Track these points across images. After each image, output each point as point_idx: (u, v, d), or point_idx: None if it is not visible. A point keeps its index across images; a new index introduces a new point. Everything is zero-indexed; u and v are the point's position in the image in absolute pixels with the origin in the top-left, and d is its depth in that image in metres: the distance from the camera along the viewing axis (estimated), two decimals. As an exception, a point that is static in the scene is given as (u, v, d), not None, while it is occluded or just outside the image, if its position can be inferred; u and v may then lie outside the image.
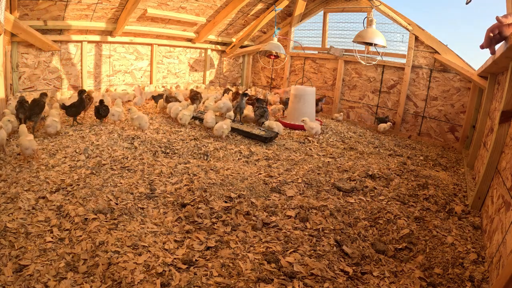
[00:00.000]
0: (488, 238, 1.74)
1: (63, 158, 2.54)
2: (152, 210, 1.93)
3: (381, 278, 1.49)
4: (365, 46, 4.86)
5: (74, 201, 1.92)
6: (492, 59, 2.28)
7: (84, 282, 1.30)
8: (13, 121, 2.93)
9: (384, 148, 3.80)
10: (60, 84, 4.52)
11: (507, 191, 1.67)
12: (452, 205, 2.22)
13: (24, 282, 1.27)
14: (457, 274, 1.51)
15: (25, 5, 3.60)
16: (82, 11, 4.10)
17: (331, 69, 5.48)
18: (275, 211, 2.01)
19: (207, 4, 4.91)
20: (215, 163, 2.74)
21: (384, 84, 4.87)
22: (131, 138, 3.16)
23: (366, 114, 5.14)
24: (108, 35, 4.75)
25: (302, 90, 4.42)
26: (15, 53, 3.93)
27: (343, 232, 1.83)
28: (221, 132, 3.41)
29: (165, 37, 5.46)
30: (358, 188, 2.46)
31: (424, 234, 1.84)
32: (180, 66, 5.97)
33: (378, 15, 4.50)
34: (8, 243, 1.49)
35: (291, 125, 4.35)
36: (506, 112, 2.05)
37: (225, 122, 3.45)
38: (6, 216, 1.69)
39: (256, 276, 1.40)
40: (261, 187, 2.34)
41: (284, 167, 2.84)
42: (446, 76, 4.22)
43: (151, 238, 1.64)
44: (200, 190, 2.16)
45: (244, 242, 1.67)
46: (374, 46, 4.28)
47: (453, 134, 4.24)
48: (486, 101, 3.09)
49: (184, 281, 1.34)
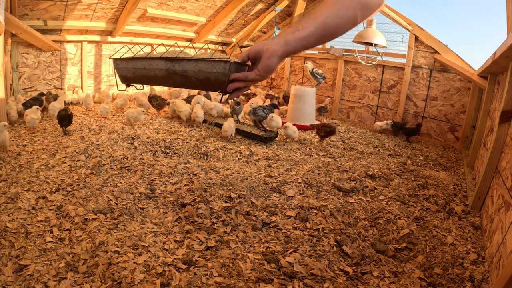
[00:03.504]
0: (488, 238, 1.74)
1: (63, 158, 2.54)
2: (152, 210, 1.93)
3: (381, 278, 1.49)
4: (365, 46, 4.86)
5: (74, 201, 1.92)
6: (492, 59, 2.28)
7: (84, 282, 1.30)
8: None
9: (384, 148, 3.80)
10: (60, 84, 4.52)
11: (507, 191, 1.67)
12: (452, 205, 2.22)
13: (24, 282, 1.27)
14: (457, 274, 1.51)
15: (25, 5, 3.60)
16: (82, 11, 4.10)
17: (331, 69, 5.48)
18: (275, 211, 2.01)
19: (207, 4, 4.91)
20: (215, 163, 2.74)
21: (384, 84, 4.87)
22: (131, 138, 3.16)
23: (366, 114, 5.14)
24: (108, 35, 4.75)
25: (302, 90, 4.42)
26: (15, 53, 3.93)
27: (343, 232, 1.83)
28: (230, 133, 3.42)
29: (165, 37, 5.46)
30: (358, 188, 2.46)
31: (424, 234, 1.84)
32: (180, 66, 5.97)
33: (378, 15, 4.51)
34: (8, 243, 1.49)
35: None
36: (506, 112, 2.05)
37: (231, 121, 3.46)
38: (6, 216, 1.69)
39: (256, 276, 1.40)
40: (261, 187, 2.34)
41: (284, 167, 2.84)
42: (446, 76, 4.22)
43: (151, 238, 1.64)
44: (200, 190, 2.16)
45: (244, 242, 1.67)
46: (374, 46, 4.28)
47: (453, 134, 4.24)
48: (486, 101, 3.09)
49: (184, 281, 1.34)
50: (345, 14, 0.78)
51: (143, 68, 1.02)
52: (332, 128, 3.49)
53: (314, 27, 0.77)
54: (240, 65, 0.89)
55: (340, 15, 0.77)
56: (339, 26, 0.79)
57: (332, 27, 0.79)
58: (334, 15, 0.77)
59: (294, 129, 3.63)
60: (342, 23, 0.79)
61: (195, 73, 0.92)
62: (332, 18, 0.77)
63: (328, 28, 0.78)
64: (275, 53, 0.78)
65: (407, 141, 4.25)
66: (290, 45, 0.78)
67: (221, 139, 3.48)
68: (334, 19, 0.78)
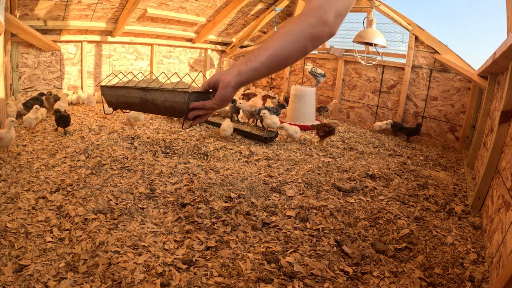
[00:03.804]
0: (488, 238, 1.74)
1: (63, 158, 2.54)
2: (152, 210, 1.93)
3: (381, 278, 1.49)
4: (365, 46, 4.86)
5: (74, 201, 1.92)
6: (492, 59, 2.28)
7: (84, 282, 1.30)
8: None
9: (384, 148, 3.80)
10: (60, 84, 4.52)
11: (507, 191, 1.67)
12: (452, 205, 2.22)
13: (24, 282, 1.27)
14: (457, 274, 1.51)
15: (25, 5, 3.59)
16: (82, 11, 4.10)
17: (331, 69, 5.48)
18: (275, 211, 2.01)
19: (207, 4, 4.91)
20: (215, 163, 2.74)
21: (384, 84, 4.87)
22: (131, 138, 3.16)
23: (366, 114, 5.14)
24: (108, 35, 4.75)
25: (302, 90, 4.42)
26: (15, 53, 3.93)
27: (343, 232, 1.83)
28: (229, 133, 3.43)
29: (165, 37, 5.46)
30: (358, 188, 2.46)
31: (424, 234, 1.84)
32: (180, 66, 5.97)
33: (378, 15, 4.50)
34: (8, 243, 1.49)
35: (292, 124, 4.34)
36: (506, 112, 2.05)
37: (229, 121, 3.48)
38: (6, 216, 1.69)
39: (256, 276, 1.40)
40: (261, 187, 2.34)
41: (284, 167, 2.84)
42: (446, 76, 4.22)
43: (151, 238, 1.64)
44: (200, 190, 2.16)
45: (244, 242, 1.67)
46: (374, 46, 4.28)
47: (453, 134, 4.24)
48: (486, 101, 3.09)
49: (184, 281, 1.34)
50: (292, 46, 0.81)
51: (123, 95, 1.14)
52: (331, 128, 3.49)
53: (265, 58, 0.82)
54: (201, 93, 0.96)
55: (288, 47, 0.81)
56: (288, 57, 0.83)
57: (281, 59, 0.83)
58: (282, 48, 0.81)
59: (296, 130, 3.62)
60: (290, 55, 0.83)
61: (162, 102, 1.02)
62: (280, 50, 0.81)
63: (277, 59, 0.83)
64: (229, 83, 0.83)
65: (407, 141, 4.25)
66: (243, 75, 0.83)
67: (221, 139, 3.48)
68: (282, 51, 0.82)
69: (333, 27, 0.82)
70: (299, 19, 0.82)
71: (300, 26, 0.81)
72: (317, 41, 0.83)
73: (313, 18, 0.81)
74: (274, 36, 0.83)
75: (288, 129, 3.59)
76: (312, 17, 0.81)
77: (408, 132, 4.23)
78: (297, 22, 0.82)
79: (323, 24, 0.81)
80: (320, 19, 0.80)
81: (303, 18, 0.81)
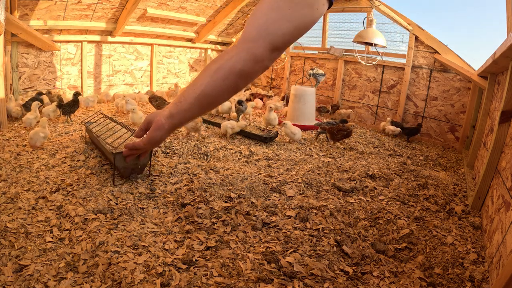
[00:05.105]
0: (488, 238, 1.74)
1: (63, 158, 2.54)
2: (152, 210, 1.93)
3: (381, 278, 1.49)
4: (365, 46, 4.86)
5: (74, 201, 1.92)
6: (492, 59, 2.28)
7: (84, 282, 1.30)
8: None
9: (384, 148, 3.80)
10: (60, 84, 4.52)
11: (507, 191, 1.67)
12: (452, 205, 2.22)
13: (24, 282, 1.27)
14: (457, 274, 1.51)
15: (25, 5, 3.59)
16: (82, 11, 4.10)
17: (331, 69, 5.48)
18: (275, 211, 2.01)
19: (207, 4, 4.91)
20: (215, 163, 2.74)
21: (384, 84, 4.87)
22: (131, 138, 3.16)
23: (366, 114, 5.14)
24: (108, 35, 4.75)
25: (302, 90, 4.42)
26: (15, 53, 3.93)
27: (343, 232, 1.83)
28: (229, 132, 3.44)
29: (165, 37, 5.46)
30: (358, 188, 2.46)
31: (424, 234, 1.84)
32: (180, 66, 5.97)
33: (378, 15, 4.50)
34: (8, 243, 1.49)
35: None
36: (506, 112, 2.05)
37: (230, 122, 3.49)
38: (6, 216, 1.69)
39: (256, 276, 1.40)
40: (261, 187, 2.34)
41: (284, 167, 2.84)
42: (446, 76, 4.22)
43: (151, 238, 1.64)
44: (200, 190, 2.16)
45: (244, 242, 1.67)
46: (374, 46, 4.28)
47: (453, 134, 4.24)
48: (486, 101, 3.09)
49: (184, 281, 1.34)
50: (221, 84, 0.74)
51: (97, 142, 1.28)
52: (349, 131, 3.48)
53: (194, 99, 0.75)
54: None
55: (217, 85, 0.75)
56: (218, 96, 0.76)
57: (212, 98, 0.76)
58: (212, 87, 0.74)
59: (296, 131, 3.58)
60: (221, 93, 0.76)
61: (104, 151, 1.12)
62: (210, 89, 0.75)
63: (207, 100, 0.76)
64: (162, 126, 0.77)
65: (407, 141, 4.24)
66: (175, 118, 0.77)
67: (221, 139, 3.48)
68: (212, 91, 0.75)
69: (266, 62, 0.74)
70: (231, 53, 0.74)
71: (230, 62, 0.73)
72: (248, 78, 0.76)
73: (245, 53, 0.73)
74: (204, 73, 0.76)
75: (288, 129, 3.56)
76: (244, 52, 0.73)
77: (408, 132, 4.23)
78: (229, 57, 0.74)
79: (255, 61, 0.73)
80: (252, 55, 0.72)
81: (235, 52, 0.74)
